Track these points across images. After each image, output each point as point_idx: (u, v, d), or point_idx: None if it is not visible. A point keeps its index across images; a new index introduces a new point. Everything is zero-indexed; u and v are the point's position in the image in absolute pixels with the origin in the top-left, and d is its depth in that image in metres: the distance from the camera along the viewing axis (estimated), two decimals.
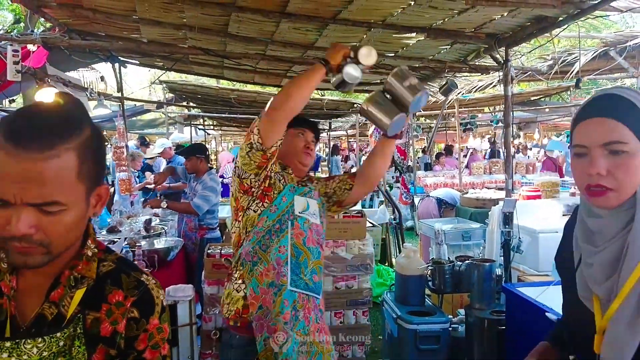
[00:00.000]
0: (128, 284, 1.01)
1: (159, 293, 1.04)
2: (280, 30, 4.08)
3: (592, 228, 1.11)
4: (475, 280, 3.42)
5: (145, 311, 1.00)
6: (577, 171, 1.11)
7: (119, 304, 0.98)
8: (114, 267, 1.02)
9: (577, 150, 1.10)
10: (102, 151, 0.97)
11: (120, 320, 0.97)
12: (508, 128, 3.96)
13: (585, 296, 1.12)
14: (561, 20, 3.31)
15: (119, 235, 4.34)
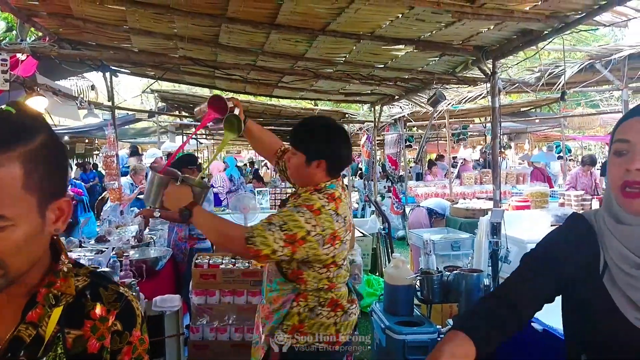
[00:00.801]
0: (108, 297, 0.98)
1: (138, 304, 1.03)
2: (270, 41, 4.11)
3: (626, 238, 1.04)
4: (463, 291, 3.42)
5: (129, 323, 0.98)
6: (615, 168, 1.05)
7: (103, 319, 0.96)
8: (89, 281, 0.99)
9: (618, 146, 1.05)
10: (59, 161, 0.90)
11: (107, 335, 0.95)
12: (495, 139, 4.00)
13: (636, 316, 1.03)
14: (546, 33, 3.37)
15: (107, 245, 4.30)
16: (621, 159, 1.03)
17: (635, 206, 1.02)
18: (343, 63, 4.69)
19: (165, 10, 3.49)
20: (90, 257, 3.61)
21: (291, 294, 1.94)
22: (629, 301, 1.06)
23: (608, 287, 1.09)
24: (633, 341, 1.05)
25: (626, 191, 1.02)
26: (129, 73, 6.18)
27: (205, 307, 3.48)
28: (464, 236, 5.39)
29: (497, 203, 4.11)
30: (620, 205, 1.05)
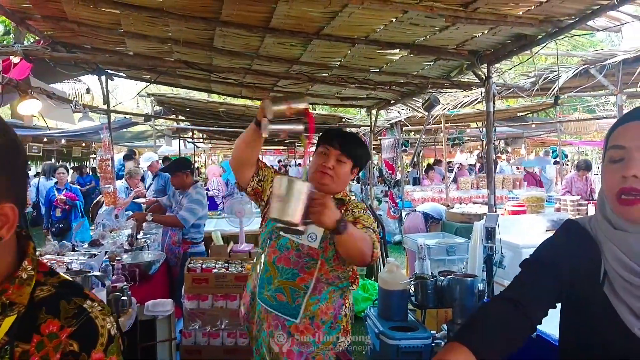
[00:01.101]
0: (67, 311, 0.89)
1: (105, 322, 0.91)
2: (265, 45, 4.11)
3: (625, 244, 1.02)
4: (457, 296, 3.41)
5: (86, 344, 0.88)
6: (610, 176, 1.03)
7: (52, 336, 0.86)
8: (54, 292, 0.91)
9: (613, 152, 1.03)
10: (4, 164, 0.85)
11: (52, 355, 0.85)
12: (490, 144, 4.00)
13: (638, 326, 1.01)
14: (540, 38, 3.37)
15: (100, 249, 4.28)
16: (616, 166, 1.01)
17: (631, 213, 1.00)
18: (338, 67, 4.69)
19: (159, 14, 3.48)
20: (83, 261, 3.58)
21: (340, 299, 2.09)
22: (630, 311, 1.03)
23: (609, 295, 1.07)
24: (634, 351, 1.02)
25: (622, 198, 1.00)
26: (125, 77, 6.16)
27: (198, 311, 3.46)
28: (459, 241, 5.38)
29: (491, 208, 4.11)
30: (616, 213, 1.03)
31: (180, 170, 4.74)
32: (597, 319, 1.09)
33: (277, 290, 2.02)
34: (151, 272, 4.01)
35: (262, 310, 2.07)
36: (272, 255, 2.05)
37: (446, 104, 7.25)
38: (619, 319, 1.04)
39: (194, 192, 4.67)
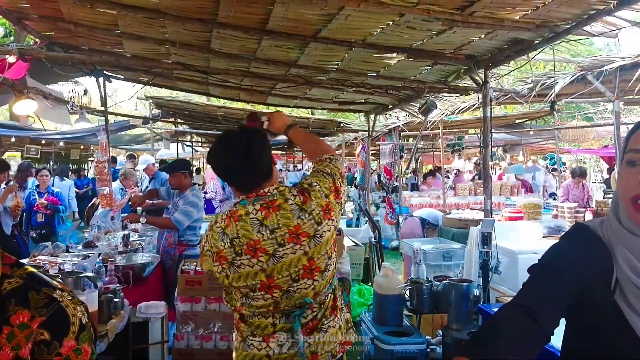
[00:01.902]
0: (37, 302, 0.89)
1: (76, 310, 0.93)
2: (262, 48, 4.11)
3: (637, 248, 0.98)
4: (453, 301, 3.39)
5: (58, 332, 0.89)
6: (627, 179, 1.00)
7: (23, 326, 0.87)
8: (21, 283, 0.91)
9: (631, 156, 0.99)
10: None
11: (23, 345, 0.86)
12: (487, 149, 3.99)
13: None
14: (537, 43, 3.37)
15: (94, 250, 4.26)
16: (635, 169, 0.99)
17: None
18: (335, 71, 4.69)
19: (156, 15, 3.47)
20: (75, 262, 3.56)
21: None
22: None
23: (620, 305, 1.02)
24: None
25: (638, 203, 0.97)
26: (122, 78, 6.15)
27: (191, 314, 3.44)
28: (455, 246, 5.36)
29: (488, 213, 4.09)
30: (630, 217, 1.00)
31: (180, 170, 4.72)
32: (606, 328, 1.04)
33: None
34: (145, 275, 3.99)
35: None
36: None
37: (444, 110, 7.25)
38: (631, 329, 0.99)
39: (190, 194, 4.65)
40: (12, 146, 12.85)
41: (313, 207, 1.78)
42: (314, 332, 1.85)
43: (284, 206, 1.77)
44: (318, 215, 1.78)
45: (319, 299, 1.86)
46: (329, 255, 1.84)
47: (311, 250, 1.77)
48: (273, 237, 1.73)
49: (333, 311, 1.92)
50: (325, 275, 1.83)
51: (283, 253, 1.74)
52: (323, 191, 1.82)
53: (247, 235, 1.73)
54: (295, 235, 1.75)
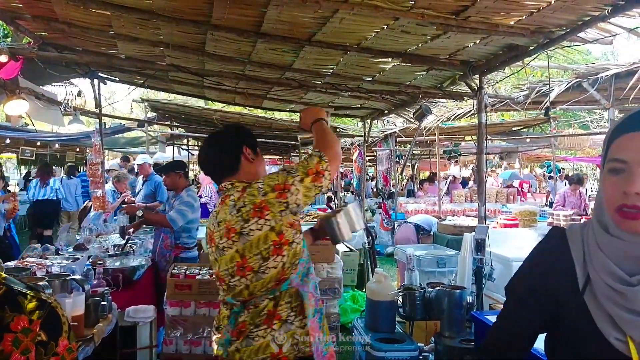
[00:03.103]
0: (29, 306, 0.92)
1: (62, 310, 0.98)
2: (257, 51, 4.09)
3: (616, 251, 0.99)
4: (445, 308, 3.36)
5: (53, 333, 0.93)
6: (611, 189, 0.99)
7: (27, 331, 0.90)
8: (5, 289, 0.93)
9: (614, 165, 0.98)
10: None
11: (31, 348, 0.89)
12: (481, 155, 3.97)
13: (617, 337, 0.97)
14: (532, 49, 3.36)
15: (84, 253, 4.21)
16: (618, 178, 0.98)
17: (632, 227, 0.97)
18: (331, 75, 4.67)
19: (149, 16, 3.45)
20: (64, 265, 3.51)
21: None
22: (609, 319, 0.99)
23: (588, 303, 1.03)
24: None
25: (623, 211, 0.97)
26: (117, 80, 6.13)
27: (180, 318, 3.39)
28: (449, 253, 5.33)
29: (482, 219, 4.07)
30: (615, 224, 1.00)
31: (174, 170, 4.68)
32: (576, 330, 1.05)
33: None
34: (135, 278, 3.94)
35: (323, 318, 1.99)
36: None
37: (440, 116, 7.25)
38: (598, 331, 1.00)
39: (185, 194, 4.61)
40: (7, 148, 12.79)
41: (243, 204, 1.77)
42: (241, 335, 1.80)
43: (226, 202, 1.84)
44: (247, 213, 1.75)
45: (254, 301, 1.82)
46: (263, 257, 1.76)
47: (241, 247, 1.77)
48: (219, 230, 1.84)
49: (268, 320, 1.80)
50: (260, 276, 1.78)
51: (223, 247, 1.82)
52: (263, 188, 1.77)
53: (209, 225, 1.93)
54: (227, 231, 1.80)
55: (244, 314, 1.82)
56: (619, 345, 0.97)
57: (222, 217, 1.82)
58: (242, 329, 1.80)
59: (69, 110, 5.04)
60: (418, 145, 11.70)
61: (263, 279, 1.78)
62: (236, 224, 1.77)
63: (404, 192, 13.80)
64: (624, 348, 0.96)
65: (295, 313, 1.82)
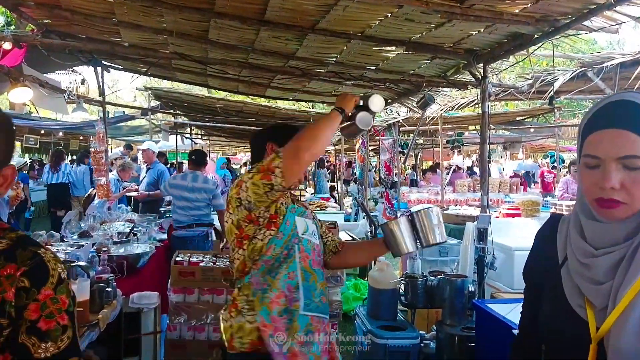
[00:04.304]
0: (23, 257, 1.00)
1: (57, 266, 1.03)
2: (260, 39, 4.08)
3: (592, 232, 1.07)
4: (447, 296, 3.38)
5: (37, 281, 0.99)
6: (588, 183, 1.06)
7: (9, 276, 0.98)
8: (11, 244, 1.01)
9: (589, 161, 1.05)
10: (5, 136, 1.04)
11: (8, 289, 0.97)
12: (484, 144, 3.96)
13: (578, 303, 1.07)
14: (537, 38, 3.34)
15: (88, 240, 4.24)
16: (593, 172, 1.04)
17: (609, 215, 1.04)
18: (334, 63, 4.65)
19: (152, 3, 3.44)
20: (68, 251, 3.54)
21: None
22: (576, 289, 1.09)
23: (563, 277, 1.13)
24: (575, 328, 1.07)
25: (600, 203, 1.04)
26: (121, 68, 6.13)
27: (184, 305, 3.42)
28: (452, 242, 5.34)
29: (484, 209, 4.07)
30: (595, 212, 1.07)
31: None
32: (549, 299, 1.17)
33: (321, 293, 1.95)
34: (139, 265, 3.97)
35: (311, 322, 1.88)
36: (307, 260, 1.92)
37: (443, 105, 7.22)
38: (565, 299, 1.10)
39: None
40: None
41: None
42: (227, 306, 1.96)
43: None
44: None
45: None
46: (232, 247, 1.92)
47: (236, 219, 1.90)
48: None
49: (231, 307, 1.89)
50: (232, 265, 1.96)
51: None
52: (234, 184, 1.91)
53: None
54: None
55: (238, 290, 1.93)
56: (580, 311, 1.07)
57: None
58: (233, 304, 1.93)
59: (72, 98, 5.05)
60: (421, 135, 11.65)
61: (234, 267, 1.93)
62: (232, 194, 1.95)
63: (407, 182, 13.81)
64: (583, 313, 1.06)
65: (249, 307, 1.85)
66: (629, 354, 0.97)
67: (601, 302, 1.03)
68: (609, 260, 1.03)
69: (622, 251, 1.02)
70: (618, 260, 1.02)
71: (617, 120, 1.01)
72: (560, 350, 1.13)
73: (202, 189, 5.01)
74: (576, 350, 1.06)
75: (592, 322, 1.04)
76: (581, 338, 1.05)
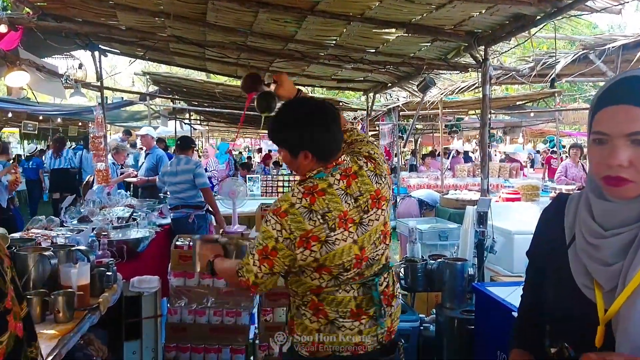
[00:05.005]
0: None
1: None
2: (259, 21, 4.03)
3: (602, 211, 1.05)
4: (447, 279, 3.39)
5: None
6: (596, 159, 1.04)
7: None
8: None
9: (597, 137, 1.03)
10: None
11: None
12: (485, 127, 3.94)
13: (585, 284, 1.06)
14: (539, 19, 3.29)
15: (88, 225, 4.23)
16: (601, 149, 1.02)
17: (617, 193, 1.02)
18: (334, 47, 4.61)
19: None
20: (68, 236, 3.54)
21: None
22: (584, 270, 1.07)
23: (570, 257, 1.11)
24: (581, 309, 1.06)
25: (608, 180, 1.02)
26: (118, 53, 6.06)
27: (184, 289, 3.43)
28: (452, 226, 5.34)
29: (484, 192, 4.07)
30: (603, 190, 1.06)
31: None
32: (554, 279, 1.16)
33: None
34: (140, 250, 3.97)
35: None
36: None
37: (444, 89, 7.17)
38: (572, 279, 1.09)
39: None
40: (10, 122, 12.75)
41: (384, 173, 1.79)
42: (393, 299, 1.79)
43: (361, 173, 1.73)
44: (388, 181, 1.80)
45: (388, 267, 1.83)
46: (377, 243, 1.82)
47: (387, 214, 1.77)
48: (358, 205, 1.69)
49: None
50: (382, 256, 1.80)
51: (369, 220, 1.70)
52: (380, 158, 1.84)
53: (338, 207, 1.65)
54: (376, 200, 1.72)
55: (384, 279, 1.78)
56: (587, 292, 1.05)
57: (363, 189, 1.71)
58: (390, 293, 1.79)
59: (70, 82, 5.00)
60: (421, 120, 11.60)
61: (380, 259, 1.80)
62: (387, 191, 1.77)
63: (407, 167, 13.78)
64: (591, 294, 1.05)
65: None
66: (638, 336, 0.96)
67: (610, 283, 1.01)
68: (618, 242, 1.01)
69: (632, 232, 1.00)
70: (628, 241, 1.00)
71: (626, 96, 0.99)
72: (566, 332, 1.11)
73: (184, 171, 5.10)
74: (583, 332, 1.04)
75: (600, 304, 1.02)
76: (588, 320, 1.03)
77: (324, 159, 1.74)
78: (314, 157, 1.73)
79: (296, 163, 1.77)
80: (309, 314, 1.73)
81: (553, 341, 1.15)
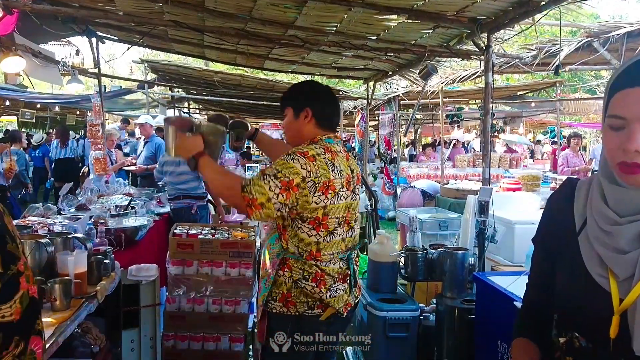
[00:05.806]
0: None
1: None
2: (259, 6, 3.96)
3: (616, 197, 1.02)
4: (447, 269, 3.36)
5: None
6: (611, 145, 1.00)
7: None
8: None
9: (613, 121, 0.98)
10: None
11: None
12: (487, 116, 3.89)
13: (599, 272, 1.02)
14: (543, 4, 3.23)
15: (85, 213, 4.20)
16: (617, 134, 0.98)
17: (632, 180, 0.98)
18: (334, 33, 4.54)
19: None
20: (65, 224, 3.50)
21: (276, 258, 1.93)
22: (597, 258, 1.03)
23: (581, 244, 1.08)
24: (594, 298, 1.02)
25: (623, 167, 0.98)
26: (116, 39, 5.99)
27: (182, 277, 3.40)
28: (452, 216, 5.32)
29: (486, 182, 4.03)
30: (617, 176, 1.02)
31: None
32: (566, 266, 1.12)
33: None
34: (138, 238, 3.94)
35: None
36: None
37: (445, 78, 7.11)
38: (584, 267, 1.05)
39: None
40: (7, 110, 12.67)
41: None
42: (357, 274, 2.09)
43: (348, 155, 2.03)
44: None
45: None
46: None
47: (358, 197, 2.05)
48: (353, 176, 1.97)
49: None
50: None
51: (357, 192, 2.02)
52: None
53: (345, 170, 1.92)
54: (359, 180, 2.06)
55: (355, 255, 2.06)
56: (601, 281, 1.02)
57: (353, 166, 2.01)
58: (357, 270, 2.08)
59: (67, 69, 4.93)
60: (421, 109, 11.54)
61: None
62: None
63: (406, 157, 13.76)
64: (605, 283, 1.01)
65: None
66: None
67: (625, 272, 0.97)
68: (634, 229, 0.97)
69: None
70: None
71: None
72: (577, 322, 1.07)
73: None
74: (596, 323, 1.01)
75: (615, 293, 0.98)
76: (602, 309, 1.00)
77: (324, 125, 1.98)
78: (315, 120, 1.95)
79: (297, 124, 1.98)
80: (310, 286, 1.90)
81: (562, 331, 1.11)
